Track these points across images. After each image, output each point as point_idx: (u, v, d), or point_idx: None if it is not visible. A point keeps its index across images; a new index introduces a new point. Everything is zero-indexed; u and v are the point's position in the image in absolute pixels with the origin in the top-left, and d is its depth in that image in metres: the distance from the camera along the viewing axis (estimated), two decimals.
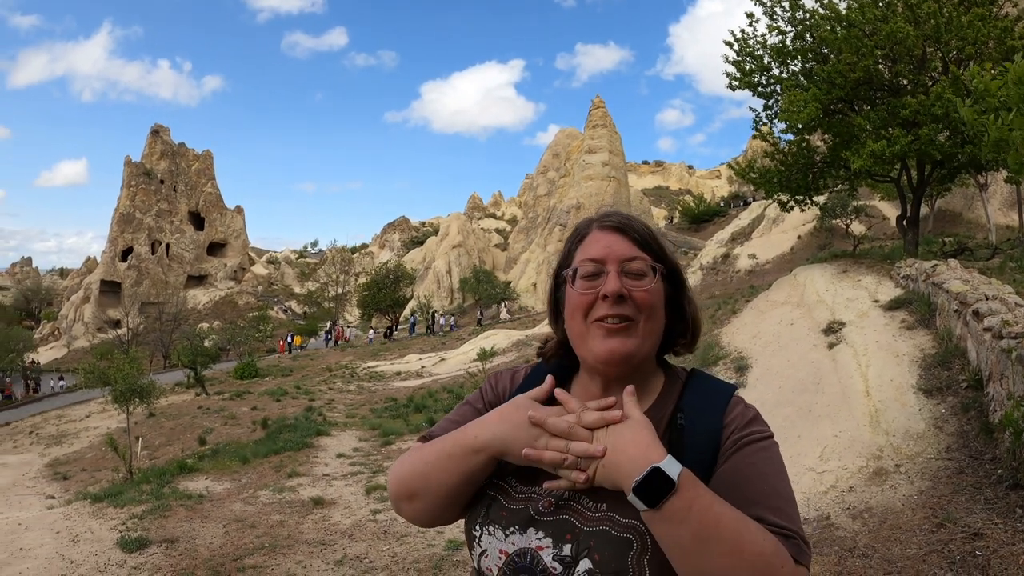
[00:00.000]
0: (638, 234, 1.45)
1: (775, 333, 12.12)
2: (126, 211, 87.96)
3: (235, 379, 34.57)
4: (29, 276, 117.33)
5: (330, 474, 11.56)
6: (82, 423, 27.18)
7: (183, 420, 22.57)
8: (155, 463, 16.43)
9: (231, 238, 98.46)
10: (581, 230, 1.52)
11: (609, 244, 1.43)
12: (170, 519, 9.13)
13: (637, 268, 1.41)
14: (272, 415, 20.19)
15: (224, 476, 12.18)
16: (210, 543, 8.01)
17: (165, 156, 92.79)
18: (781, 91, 16.53)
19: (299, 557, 7.20)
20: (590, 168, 57.14)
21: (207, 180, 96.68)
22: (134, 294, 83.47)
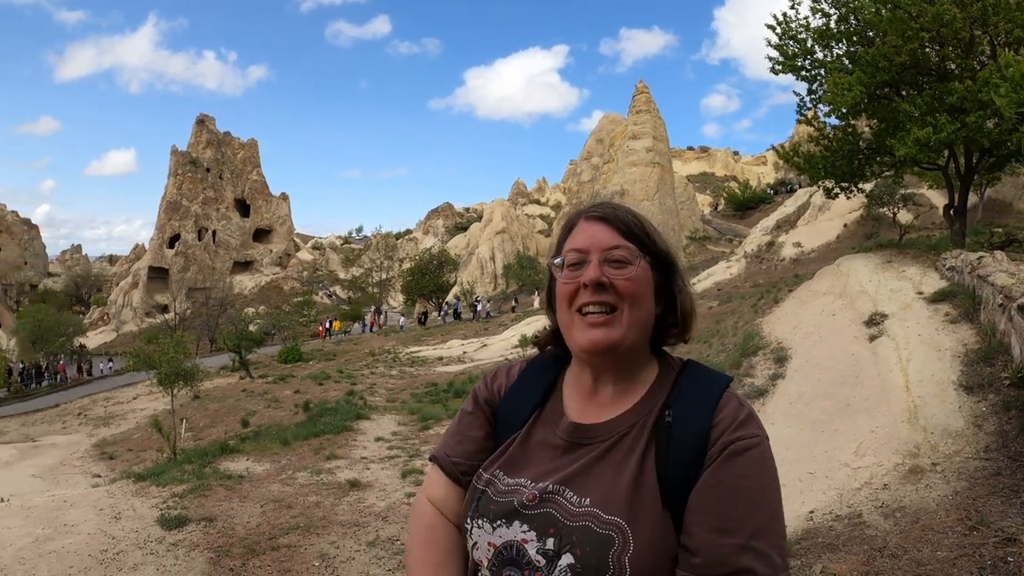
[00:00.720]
0: (623, 223, 1.45)
1: (816, 324, 11.98)
2: (173, 199, 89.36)
3: (279, 363, 35.05)
4: (79, 263, 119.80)
5: (367, 457, 11.69)
6: (129, 405, 27.77)
7: (227, 403, 22.93)
8: (199, 444, 16.74)
9: (276, 224, 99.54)
10: (570, 221, 1.53)
11: (593, 234, 1.44)
12: (210, 498, 9.30)
13: (619, 256, 1.41)
14: (314, 398, 20.42)
15: (264, 457, 12.37)
16: (247, 522, 8.16)
17: (211, 145, 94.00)
18: (825, 75, 16.20)
19: (332, 538, 7.32)
20: (634, 154, 56.62)
21: (252, 168, 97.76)
22: (181, 280, 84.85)
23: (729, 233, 69.36)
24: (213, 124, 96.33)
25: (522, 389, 1.57)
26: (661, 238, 1.50)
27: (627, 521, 1.27)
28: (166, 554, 7.23)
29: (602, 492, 1.31)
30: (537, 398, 1.54)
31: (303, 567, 6.61)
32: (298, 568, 6.59)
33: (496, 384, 1.63)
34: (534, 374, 1.60)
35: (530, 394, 1.55)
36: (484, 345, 32.72)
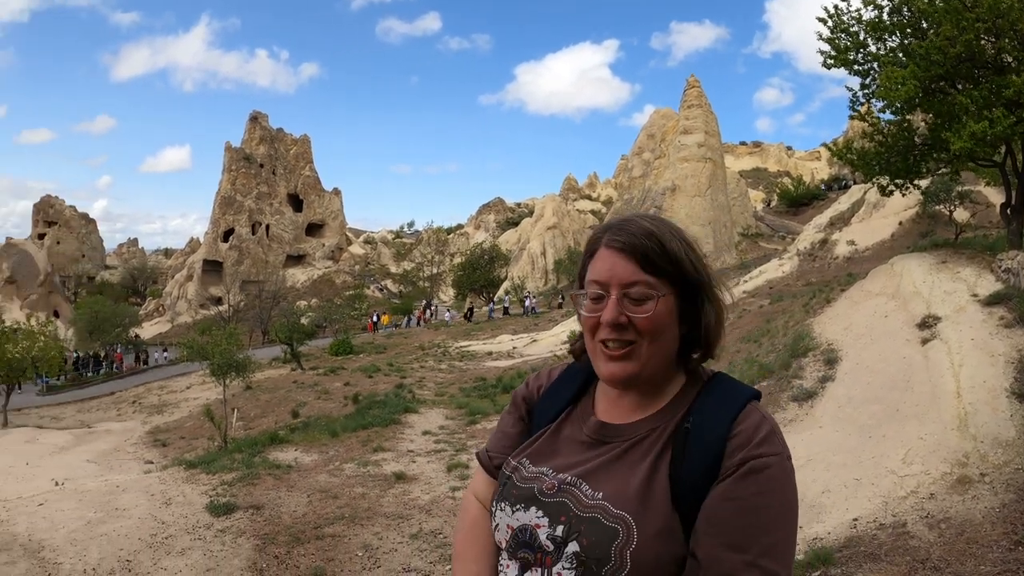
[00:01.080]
0: (643, 254, 1.42)
1: (868, 325, 11.77)
2: (227, 194, 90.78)
3: (330, 355, 35.38)
4: (135, 256, 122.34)
5: (414, 450, 11.79)
6: (183, 394, 28.30)
7: (278, 393, 23.23)
8: (249, 433, 17.00)
9: (329, 219, 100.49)
10: (592, 244, 1.51)
11: (612, 267, 1.43)
12: (258, 487, 9.47)
13: (637, 294, 1.40)
14: (364, 391, 20.60)
15: (313, 448, 12.54)
16: (293, 511, 8.29)
17: (264, 141, 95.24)
18: (878, 69, 15.81)
19: (376, 529, 7.41)
20: (685, 149, 55.93)
21: (305, 163, 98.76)
22: (235, 273, 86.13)
23: (782, 230, 68.28)
24: (266, 121, 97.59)
25: (558, 389, 1.65)
26: (690, 258, 1.47)
27: (634, 517, 1.31)
28: (213, 540, 7.39)
29: (615, 487, 1.37)
30: (569, 398, 1.61)
31: (346, 557, 6.71)
32: (341, 558, 6.69)
33: (536, 384, 1.71)
34: (570, 377, 1.66)
35: (563, 394, 1.62)
36: (534, 340, 32.71)
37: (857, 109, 17.00)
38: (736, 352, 15.33)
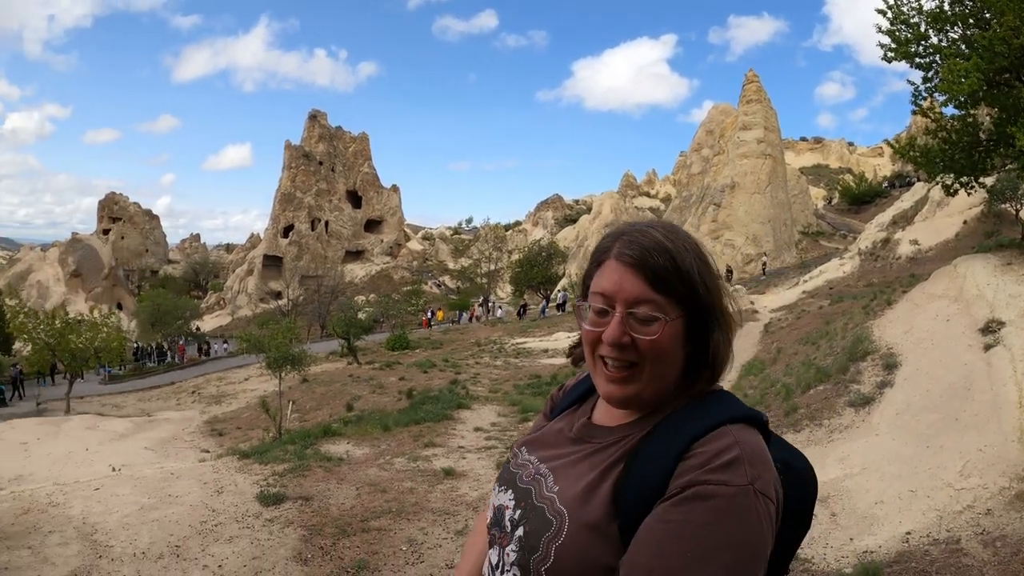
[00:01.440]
0: (654, 271, 1.34)
1: (929, 329, 11.40)
2: (287, 191, 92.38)
3: (387, 350, 35.63)
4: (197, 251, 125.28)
5: (465, 446, 11.77)
6: (241, 385, 28.77)
7: (334, 387, 23.45)
8: (304, 425, 17.16)
9: (387, 215, 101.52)
10: (601, 253, 1.44)
11: (620, 282, 1.36)
12: (308, 478, 9.54)
13: (644, 314, 1.33)
14: (418, 386, 20.69)
15: (365, 441, 12.61)
16: (341, 503, 8.33)
17: (323, 139, 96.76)
18: (940, 61, 15.25)
19: (422, 524, 7.39)
20: (744, 145, 54.95)
21: (363, 161, 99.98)
22: (295, 268, 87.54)
23: (843, 228, 66.71)
24: (325, 119, 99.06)
25: (576, 388, 1.68)
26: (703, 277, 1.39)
27: (570, 514, 1.31)
28: (261, 529, 7.45)
29: (567, 484, 1.37)
30: (576, 397, 1.64)
31: (390, 550, 6.70)
32: (385, 551, 6.69)
33: (566, 386, 1.74)
34: (587, 380, 1.63)
35: (575, 394, 1.65)
36: None
37: (920, 104, 16.45)
38: (794, 354, 15.03)
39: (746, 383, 13.81)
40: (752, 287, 37.00)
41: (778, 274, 41.39)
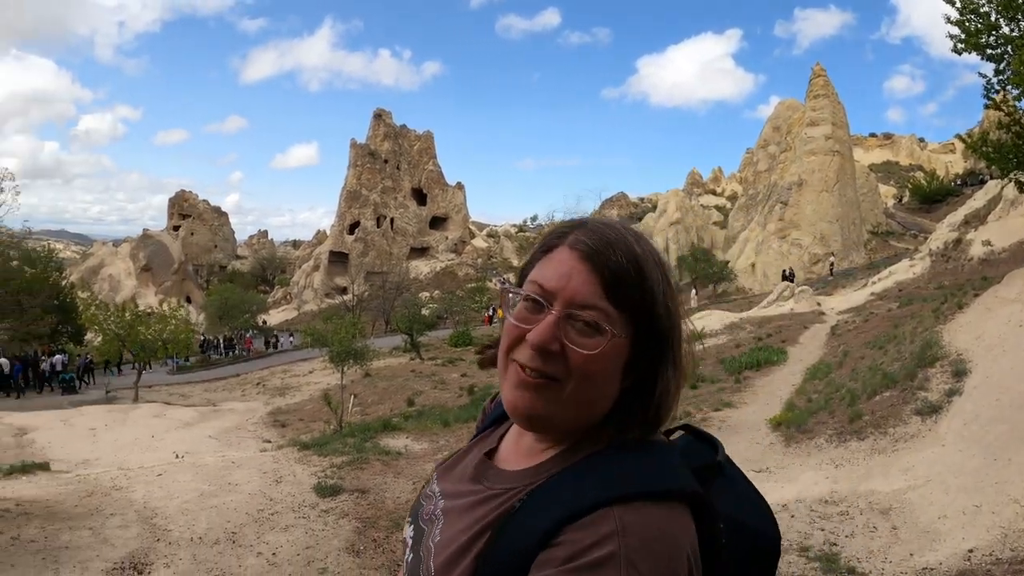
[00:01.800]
0: (612, 271, 1.07)
1: (1000, 335, 10.95)
2: (353, 188, 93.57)
3: (449, 346, 35.79)
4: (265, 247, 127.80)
5: None
6: (305, 378, 29.16)
7: (396, 382, 23.64)
8: (365, 419, 17.32)
9: (452, 212, 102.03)
10: (553, 238, 1.16)
11: (568, 275, 1.08)
12: (366, 471, 9.59)
13: (588, 319, 1.05)
14: (480, 383, 20.71)
15: (424, 437, 12.65)
16: (397, 496, 8.36)
17: (388, 137, 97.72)
18: (1012, 52, 14.60)
19: None
20: (812, 142, 53.55)
21: (428, 159, 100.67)
22: (360, 264, 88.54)
23: (914, 228, 64.74)
24: (390, 118, 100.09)
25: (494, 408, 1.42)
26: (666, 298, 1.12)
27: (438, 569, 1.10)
28: (316, 519, 7.51)
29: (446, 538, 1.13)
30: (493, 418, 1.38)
31: None
32: None
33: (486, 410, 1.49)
34: None
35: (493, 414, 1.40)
36: None
37: (992, 97, 15.77)
38: (860, 358, 14.62)
39: (811, 387, 13.48)
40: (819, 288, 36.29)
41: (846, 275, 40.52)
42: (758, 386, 14.98)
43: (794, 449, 9.62)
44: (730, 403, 13.25)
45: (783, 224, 52.50)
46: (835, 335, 20.00)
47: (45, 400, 30.44)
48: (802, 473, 8.53)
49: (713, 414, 12.48)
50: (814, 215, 51.24)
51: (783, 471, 8.83)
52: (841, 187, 52.03)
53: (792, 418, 10.72)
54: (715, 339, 25.72)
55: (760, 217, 56.82)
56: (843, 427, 9.74)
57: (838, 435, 9.49)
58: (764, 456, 9.63)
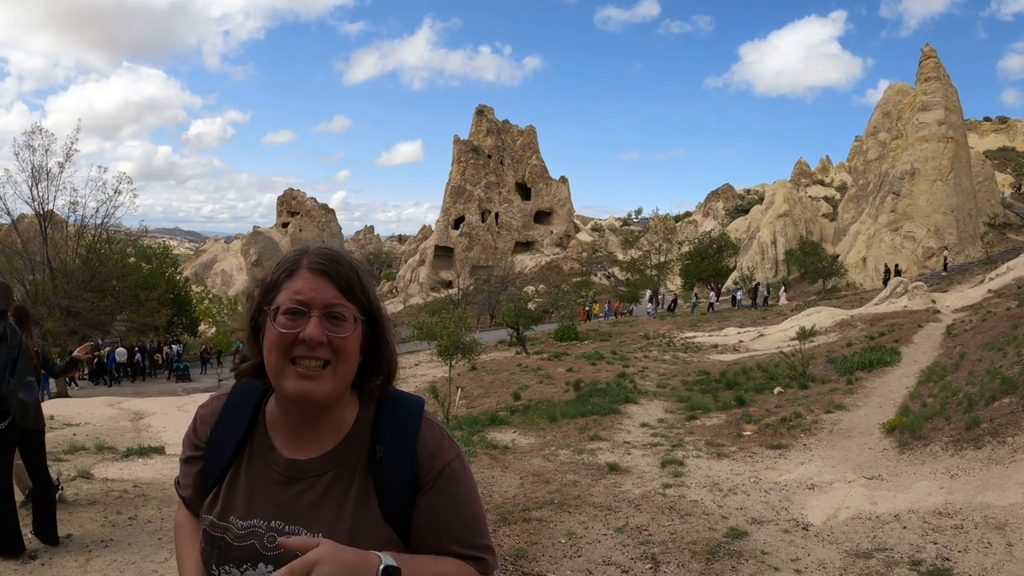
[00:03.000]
0: (344, 280, 1.48)
1: None
2: (457, 184, 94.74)
3: (555, 340, 35.73)
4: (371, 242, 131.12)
5: (630, 442, 11.50)
6: (411, 370, 29.48)
7: (502, 375, 23.65)
8: (471, 412, 17.37)
9: (556, 207, 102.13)
10: (289, 264, 1.52)
11: (316, 287, 1.46)
12: (474, 465, 9.56)
13: (339, 313, 1.45)
14: (585, 378, 20.51)
15: (531, 431, 12.60)
16: (505, 491, 8.29)
17: (491, 133, 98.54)
18: None
19: (583, 518, 7.22)
20: (924, 128, 50.73)
21: (531, 153, 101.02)
22: (465, 258, 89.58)
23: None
24: (492, 113, 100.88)
25: (227, 426, 1.61)
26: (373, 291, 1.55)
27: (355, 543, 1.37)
28: None
29: (329, 525, 1.45)
30: (242, 433, 1.58)
31: (549, 542, 6.57)
32: (544, 542, 6.56)
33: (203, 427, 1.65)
34: (235, 409, 1.62)
35: (235, 430, 1.59)
36: (761, 335, 31.39)
37: None
38: (978, 361, 13.87)
39: (925, 390, 12.82)
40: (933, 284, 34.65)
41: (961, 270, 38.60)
42: (870, 388, 14.37)
43: (908, 456, 9.14)
44: (842, 405, 12.72)
45: (896, 216, 50.26)
46: (951, 335, 19.10)
47: (160, 387, 31.87)
48: (916, 482, 8.09)
49: (824, 416, 12.01)
50: (928, 206, 48.90)
51: (896, 479, 8.39)
52: (956, 176, 49.38)
53: (906, 423, 10.19)
54: (825, 337, 24.94)
55: (871, 208, 54.54)
56: (959, 434, 9.20)
57: (954, 443, 8.96)
58: (877, 462, 9.19)
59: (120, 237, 37.24)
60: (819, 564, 5.97)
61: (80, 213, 33.33)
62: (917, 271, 44.98)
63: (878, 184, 55.40)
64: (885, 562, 5.93)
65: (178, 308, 43.76)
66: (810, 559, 6.08)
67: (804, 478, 8.76)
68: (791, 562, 6.01)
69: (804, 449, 10.31)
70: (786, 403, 13.91)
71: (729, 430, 12.03)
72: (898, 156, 53.03)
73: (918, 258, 47.83)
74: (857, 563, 5.94)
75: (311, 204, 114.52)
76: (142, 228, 41.17)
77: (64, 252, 33.46)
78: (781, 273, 61.44)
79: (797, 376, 16.39)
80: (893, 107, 61.34)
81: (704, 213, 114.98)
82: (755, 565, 5.92)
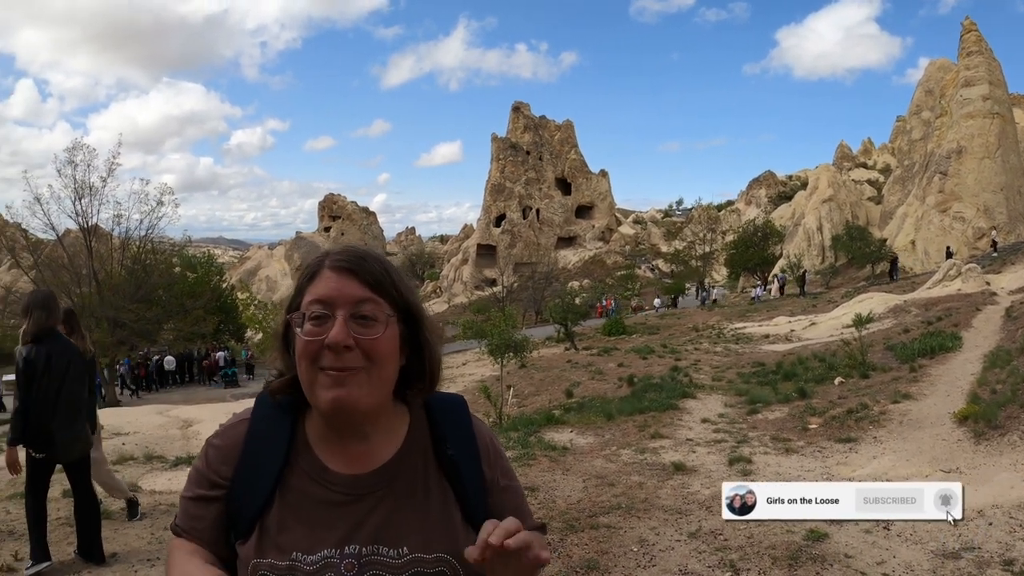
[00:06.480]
0: (371, 275, 1.36)
1: None
2: (497, 182, 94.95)
3: (603, 335, 35.48)
4: (413, 243, 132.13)
5: (693, 439, 11.18)
6: (459, 370, 29.37)
7: (552, 372, 23.41)
8: (523, 411, 17.16)
9: (597, 200, 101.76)
10: (312, 267, 1.40)
11: (339, 286, 1.34)
12: (534, 468, 9.35)
13: (368, 312, 1.33)
14: (638, 373, 20.18)
15: (588, 430, 12.34)
16: (568, 496, 8.04)
17: (528, 129, 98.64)
18: None
19: (653, 523, 6.93)
20: (969, 104, 48.90)
21: (570, 148, 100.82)
22: (508, 256, 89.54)
23: None
24: (528, 110, 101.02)
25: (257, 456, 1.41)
26: (408, 288, 1.43)
27: (449, 552, 1.34)
28: None
29: (417, 535, 1.35)
30: (281, 460, 1.40)
31: (620, 551, 6.29)
32: (615, 551, 6.29)
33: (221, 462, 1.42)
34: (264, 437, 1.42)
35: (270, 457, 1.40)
36: (812, 324, 30.77)
37: None
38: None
39: (992, 376, 12.28)
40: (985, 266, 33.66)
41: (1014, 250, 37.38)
42: (935, 375, 13.87)
43: (984, 447, 8.71)
44: (908, 394, 12.26)
45: (944, 196, 48.87)
46: (1011, 318, 18.48)
47: (209, 393, 32.15)
48: (996, 474, 7.68)
49: (892, 407, 11.55)
50: (976, 185, 47.47)
51: (975, 471, 7.98)
52: (1004, 152, 47.81)
53: (979, 412, 9.72)
54: (879, 324, 24.26)
55: (918, 190, 53.11)
56: None
57: None
58: (953, 455, 8.76)
59: (164, 247, 37.76)
60: (906, 567, 5.64)
61: (124, 225, 33.83)
62: (968, 252, 43.71)
63: (924, 164, 53.97)
64: (975, 562, 5.59)
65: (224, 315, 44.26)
66: (896, 561, 5.74)
67: (878, 473, 8.40)
68: (877, 565, 5.69)
69: (874, 442, 9.93)
70: (849, 393, 13.50)
71: (793, 423, 11.66)
72: (943, 134, 51.54)
73: (968, 239, 46.48)
74: (946, 564, 5.61)
75: (352, 208, 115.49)
76: (186, 238, 41.99)
77: (109, 264, 34.01)
78: (828, 259, 60.31)
79: (857, 365, 15.92)
80: (935, 84, 59.81)
81: (747, 201, 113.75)
82: (841, 570, 5.61)
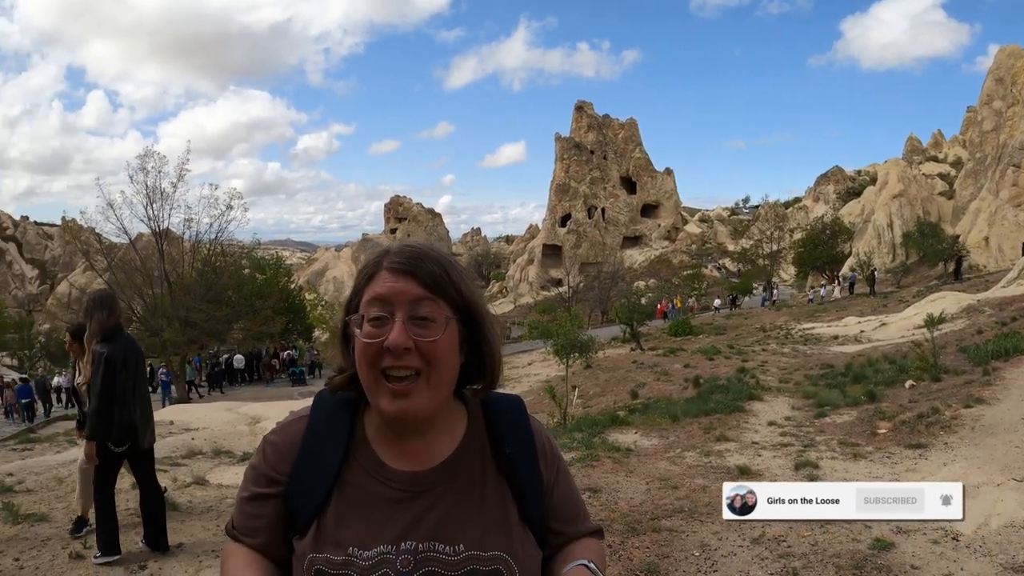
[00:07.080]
0: (430, 276, 1.34)
1: None
2: (561, 182, 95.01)
3: (669, 335, 35.26)
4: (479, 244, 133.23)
5: (759, 442, 11.04)
6: (524, 370, 29.48)
7: (617, 373, 23.34)
8: (588, 411, 17.15)
9: (663, 199, 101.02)
10: (370, 268, 1.40)
11: (398, 288, 1.33)
12: (597, 469, 9.33)
13: (426, 313, 1.32)
14: (704, 374, 20.00)
15: (653, 432, 12.27)
16: (631, 498, 8.02)
17: (591, 128, 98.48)
18: None
19: (716, 528, 6.88)
20: None
21: (634, 146, 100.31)
22: (574, 255, 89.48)
23: None
24: (591, 109, 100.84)
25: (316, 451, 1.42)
26: (468, 286, 1.41)
27: (505, 551, 1.35)
28: None
29: (474, 533, 1.35)
30: (341, 455, 1.41)
31: (681, 555, 6.27)
32: (676, 555, 6.27)
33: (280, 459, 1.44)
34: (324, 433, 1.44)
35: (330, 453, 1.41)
36: (883, 324, 30.05)
37: None
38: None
39: None
40: None
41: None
42: (1010, 379, 13.39)
43: None
44: (981, 399, 11.87)
45: (1017, 190, 46.97)
46: None
47: (276, 391, 32.83)
48: None
49: (964, 411, 11.21)
50: None
51: None
52: None
53: None
54: (952, 324, 23.57)
55: (991, 184, 51.16)
56: None
57: None
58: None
59: (234, 250, 38.93)
60: None
61: (194, 229, 34.95)
62: None
63: (996, 156, 52.02)
64: None
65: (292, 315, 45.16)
66: (964, 574, 5.60)
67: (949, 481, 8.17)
68: None
69: (945, 448, 9.67)
70: (920, 397, 13.17)
71: (862, 428, 11.43)
72: (1016, 125, 49.70)
73: None
74: None
75: (417, 209, 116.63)
76: (255, 240, 43.18)
77: (181, 266, 35.12)
78: (899, 257, 58.68)
79: (928, 367, 15.51)
80: (1006, 72, 57.57)
81: (814, 198, 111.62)
82: None
